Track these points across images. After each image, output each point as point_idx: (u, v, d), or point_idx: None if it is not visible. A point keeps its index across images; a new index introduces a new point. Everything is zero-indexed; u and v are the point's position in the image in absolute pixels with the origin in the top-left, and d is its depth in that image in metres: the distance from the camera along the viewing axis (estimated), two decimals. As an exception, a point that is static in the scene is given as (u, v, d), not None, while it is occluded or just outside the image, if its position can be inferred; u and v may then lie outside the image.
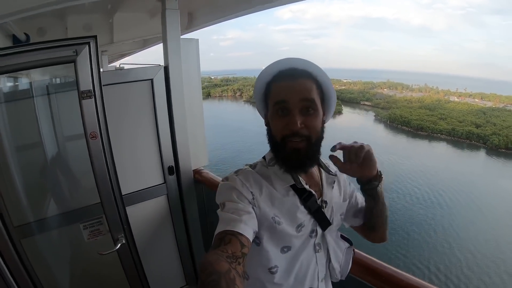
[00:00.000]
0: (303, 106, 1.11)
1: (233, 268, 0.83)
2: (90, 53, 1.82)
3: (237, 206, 1.07)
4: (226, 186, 1.16)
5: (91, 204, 2.21)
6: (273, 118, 1.16)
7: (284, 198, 1.18)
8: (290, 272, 1.20)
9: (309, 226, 1.21)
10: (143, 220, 2.71)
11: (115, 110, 2.20)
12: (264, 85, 1.23)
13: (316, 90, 1.15)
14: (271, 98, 1.17)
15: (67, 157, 2.39)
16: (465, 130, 59.82)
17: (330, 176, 1.33)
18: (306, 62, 1.17)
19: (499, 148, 53.69)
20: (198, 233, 3.11)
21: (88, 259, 2.38)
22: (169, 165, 2.75)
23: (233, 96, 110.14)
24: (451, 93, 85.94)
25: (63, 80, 2.30)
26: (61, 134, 2.31)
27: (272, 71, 1.19)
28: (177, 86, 2.63)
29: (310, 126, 1.11)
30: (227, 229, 0.98)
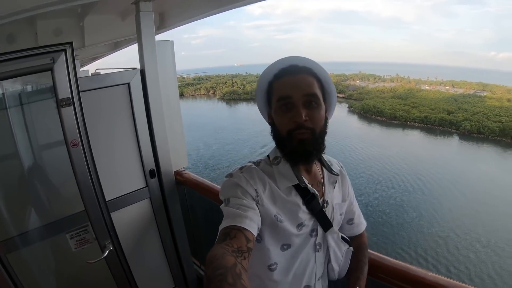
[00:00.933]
0: (306, 101, 1.14)
1: (239, 263, 0.84)
2: (67, 60, 1.79)
3: (242, 202, 1.09)
4: (230, 183, 1.17)
5: (76, 212, 2.18)
6: (278, 113, 1.18)
7: (287, 198, 1.20)
8: (289, 269, 1.23)
9: (309, 226, 1.23)
10: (128, 225, 2.69)
11: (93, 117, 2.17)
12: (266, 84, 1.25)
13: (317, 86, 1.18)
14: (275, 95, 1.19)
15: (46, 167, 2.35)
16: (437, 117, 61.36)
17: (332, 176, 1.34)
18: (306, 59, 1.21)
19: (472, 133, 55.36)
20: (183, 234, 3.10)
21: (77, 269, 2.34)
22: (150, 168, 2.73)
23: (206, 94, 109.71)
24: (423, 81, 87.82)
25: (36, 89, 2.25)
26: (38, 144, 2.27)
27: (273, 70, 1.22)
28: (154, 89, 2.61)
29: (314, 119, 1.14)
30: (233, 224, 1.00)
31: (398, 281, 1.43)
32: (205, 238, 3.23)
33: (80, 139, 1.90)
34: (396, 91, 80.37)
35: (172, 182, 2.92)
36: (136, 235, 2.78)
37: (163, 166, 2.79)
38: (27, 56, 1.70)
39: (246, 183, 1.15)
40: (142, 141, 2.63)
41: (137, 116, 2.56)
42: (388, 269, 1.48)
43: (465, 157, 48.88)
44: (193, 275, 3.25)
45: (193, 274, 3.24)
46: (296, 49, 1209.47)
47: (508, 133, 53.16)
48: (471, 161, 46.53)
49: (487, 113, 58.92)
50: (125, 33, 3.78)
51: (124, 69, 2.53)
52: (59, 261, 2.37)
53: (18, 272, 2.06)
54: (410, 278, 1.40)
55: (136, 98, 2.54)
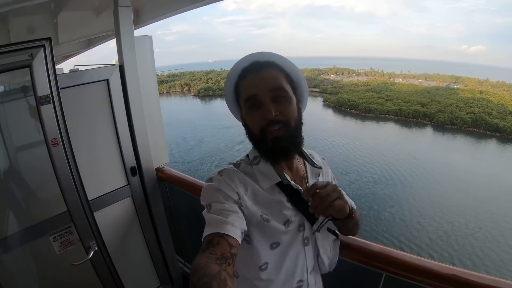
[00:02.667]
0: (274, 95, 1.12)
1: (223, 270, 0.84)
2: (46, 56, 1.74)
3: (223, 206, 1.07)
4: (210, 188, 1.15)
5: (58, 214, 2.11)
6: (247, 114, 1.17)
7: (270, 196, 1.19)
8: (280, 267, 1.22)
9: (296, 221, 1.23)
10: (112, 224, 2.64)
11: (72, 114, 2.10)
12: (233, 87, 1.24)
13: (283, 78, 1.16)
14: (242, 96, 1.18)
15: (24, 168, 2.25)
16: (411, 109, 62.91)
17: (315, 169, 1.34)
18: (268, 53, 1.19)
19: (445, 125, 57.10)
20: (166, 231, 3.07)
21: (62, 272, 2.28)
22: (131, 165, 2.69)
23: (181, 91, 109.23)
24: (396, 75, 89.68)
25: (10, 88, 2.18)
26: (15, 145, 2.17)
27: (237, 71, 1.21)
28: (134, 85, 2.56)
29: (285, 112, 1.12)
30: (215, 232, 0.98)
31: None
32: (189, 235, 3.23)
33: (61, 138, 1.85)
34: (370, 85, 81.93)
35: (154, 179, 2.88)
36: (120, 235, 2.74)
37: (144, 163, 2.75)
38: (5, 52, 1.64)
39: (226, 186, 1.13)
40: (122, 138, 2.58)
41: (116, 112, 2.51)
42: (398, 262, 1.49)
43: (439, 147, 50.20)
44: (178, 273, 3.23)
45: (178, 272, 3.23)
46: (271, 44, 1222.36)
47: (480, 124, 54.98)
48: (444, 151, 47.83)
49: (460, 105, 60.92)
50: (99, 29, 3.72)
51: (103, 65, 2.47)
52: (43, 265, 2.28)
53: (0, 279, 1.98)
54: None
55: (116, 94, 2.49)
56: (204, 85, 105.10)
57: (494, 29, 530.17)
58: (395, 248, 1.58)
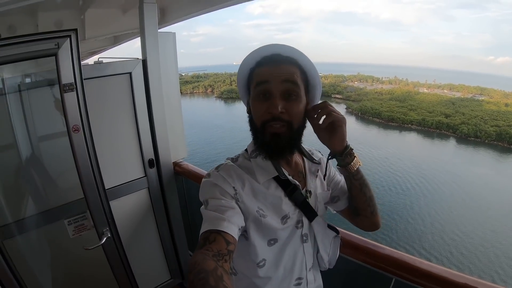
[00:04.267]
0: (285, 90, 1.09)
1: (220, 266, 0.84)
2: (71, 46, 1.79)
3: (220, 202, 1.06)
4: (207, 183, 1.14)
5: (75, 200, 2.20)
6: (254, 101, 1.14)
7: (267, 191, 1.18)
8: (278, 264, 1.22)
9: (294, 218, 1.21)
10: (126, 214, 2.70)
11: (94, 104, 2.17)
12: (247, 71, 1.20)
13: (300, 77, 1.12)
14: (254, 81, 1.15)
15: (46, 155, 2.34)
16: (435, 120, 61.58)
17: (314, 165, 1.33)
18: (291, 48, 1.14)
19: (468, 137, 55.66)
20: (180, 226, 3.11)
21: (74, 256, 2.35)
22: (149, 158, 2.75)
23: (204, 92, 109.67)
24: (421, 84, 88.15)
25: (36, 76, 2.25)
26: (38, 131, 2.28)
27: (255, 57, 1.17)
28: (156, 79, 2.63)
29: (292, 112, 1.09)
30: (211, 229, 0.98)
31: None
32: (202, 231, 3.21)
33: (82, 125, 1.91)
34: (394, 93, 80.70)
35: (171, 173, 2.93)
36: (134, 225, 2.80)
37: (162, 156, 2.81)
38: (33, 40, 1.71)
39: (223, 181, 1.12)
40: (142, 131, 2.65)
41: (137, 105, 2.58)
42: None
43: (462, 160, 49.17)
44: (189, 267, 3.23)
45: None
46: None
47: (504, 138, 53.51)
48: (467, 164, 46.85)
49: (485, 117, 59.33)
50: (125, 27, 3.78)
51: (126, 59, 2.54)
52: (56, 248, 2.37)
53: (14, 259, 2.05)
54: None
55: (138, 87, 2.56)
56: (228, 87, 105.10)
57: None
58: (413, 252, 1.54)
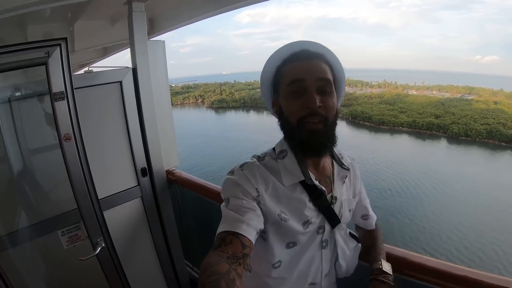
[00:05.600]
0: (320, 86, 1.08)
1: (233, 269, 0.83)
2: (62, 55, 1.80)
3: (241, 203, 1.05)
4: (230, 182, 1.12)
5: (68, 210, 2.16)
6: (287, 99, 1.12)
7: (291, 195, 1.14)
8: (293, 267, 1.19)
9: (316, 223, 1.18)
10: (120, 224, 2.68)
11: (86, 113, 2.15)
12: (273, 68, 1.19)
13: (330, 72, 1.13)
14: (285, 79, 1.13)
15: (38, 165, 2.32)
16: (425, 121, 62.14)
17: (343, 170, 1.28)
18: (318, 44, 1.17)
19: (459, 136, 56.14)
20: (175, 234, 3.08)
21: (69, 268, 2.32)
22: (142, 166, 2.73)
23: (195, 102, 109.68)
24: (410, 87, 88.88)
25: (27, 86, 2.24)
26: (30, 142, 2.25)
27: (283, 54, 1.16)
28: (146, 88, 2.62)
29: (327, 106, 1.08)
30: (229, 230, 0.96)
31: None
32: (198, 239, 3.22)
33: (73, 134, 1.90)
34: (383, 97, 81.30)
35: (164, 181, 2.91)
36: (128, 235, 2.77)
37: (154, 164, 2.79)
38: (23, 49, 1.70)
39: (246, 181, 1.10)
40: (134, 139, 2.63)
41: (128, 114, 2.57)
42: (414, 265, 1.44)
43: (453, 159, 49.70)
44: (186, 277, 3.23)
45: (185, 276, 3.23)
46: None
47: (495, 135, 54.00)
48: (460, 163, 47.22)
49: (474, 116, 59.93)
50: (114, 38, 3.79)
51: (116, 67, 2.54)
52: (50, 259, 2.33)
53: (8, 272, 2.01)
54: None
55: (128, 96, 2.55)
56: (218, 97, 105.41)
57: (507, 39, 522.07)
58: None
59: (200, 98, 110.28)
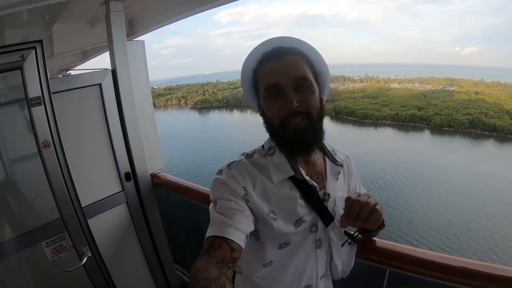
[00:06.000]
0: (296, 85, 1.05)
1: (223, 274, 0.83)
2: (37, 58, 1.72)
3: (229, 204, 1.03)
4: (218, 182, 1.10)
5: (51, 220, 2.07)
6: (267, 102, 1.11)
7: (282, 192, 1.12)
8: (285, 267, 1.17)
9: (308, 221, 1.15)
10: (106, 231, 2.61)
11: (65, 119, 2.08)
12: (250, 72, 1.17)
13: (307, 67, 1.10)
14: (261, 83, 1.11)
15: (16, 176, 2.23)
16: (408, 113, 63.13)
17: (335, 166, 1.25)
18: (292, 39, 1.14)
19: (442, 127, 57.18)
20: (163, 239, 3.03)
21: (56, 279, 2.21)
22: (126, 171, 2.66)
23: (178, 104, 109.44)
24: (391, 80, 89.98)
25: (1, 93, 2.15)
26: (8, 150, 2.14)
27: (256, 56, 1.14)
28: (126, 89, 2.56)
29: (308, 103, 1.06)
30: (217, 235, 0.95)
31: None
32: (187, 242, 3.17)
33: (52, 140, 1.82)
34: (366, 91, 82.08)
35: (149, 185, 2.85)
36: (115, 242, 2.70)
37: (138, 168, 2.73)
38: (-4, 53, 1.62)
39: (233, 181, 1.08)
40: (116, 143, 2.56)
41: (109, 117, 2.50)
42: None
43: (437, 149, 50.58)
44: (177, 281, 3.18)
45: (176, 280, 3.18)
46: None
47: (477, 125, 55.11)
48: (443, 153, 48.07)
49: (456, 107, 60.99)
50: (94, 40, 3.72)
51: (95, 70, 2.47)
52: (36, 272, 2.24)
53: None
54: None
55: (108, 99, 2.48)
56: (201, 97, 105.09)
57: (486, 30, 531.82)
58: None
59: (183, 99, 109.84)
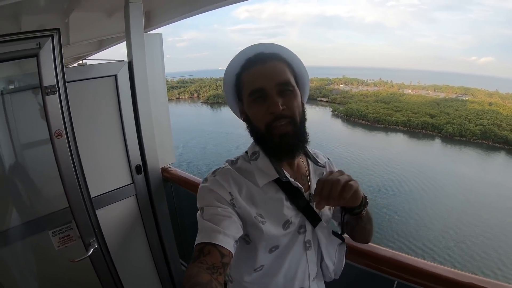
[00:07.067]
0: (280, 89, 1.06)
1: (214, 279, 0.84)
2: (54, 46, 1.70)
3: (216, 210, 1.03)
4: (204, 189, 1.11)
5: (59, 209, 2.09)
6: (251, 107, 1.11)
7: (268, 195, 1.13)
8: (276, 271, 1.16)
9: (296, 223, 1.16)
10: (114, 223, 2.60)
11: (78, 108, 2.08)
12: (233, 77, 1.18)
13: (289, 71, 1.11)
14: (245, 88, 1.12)
15: (28, 162, 2.25)
16: (420, 120, 62.54)
17: (319, 168, 1.27)
18: (273, 45, 1.16)
19: (454, 136, 56.48)
20: (170, 234, 3.02)
21: (60, 269, 2.23)
22: (137, 164, 2.65)
23: (190, 97, 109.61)
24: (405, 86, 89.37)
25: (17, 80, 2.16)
26: (21, 138, 2.17)
27: (239, 62, 1.15)
28: (142, 82, 2.55)
29: (292, 106, 1.07)
30: (206, 241, 0.95)
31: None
32: (193, 238, 3.09)
33: (65, 130, 1.81)
34: (379, 95, 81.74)
35: (159, 179, 2.84)
36: (122, 234, 2.70)
37: (149, 162, 2.72)
38: (13, 40, 1.62)
39: (219, 187, 1.08)
40: (128, 135, 2.56)
41: (123, 109, 2.49)
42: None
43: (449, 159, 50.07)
44: (181, 277, 3.16)
45: (181, 276, 3.16)
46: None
47: (489, 136, 54.45)
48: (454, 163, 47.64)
49: (469, 117, 60.35)
50: (110, 31, 3.71)
51: (111, 61, 2.46)
52: (42, 260, 2.26)
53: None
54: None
55: (123, 91, 2.47)
56: (213, 92, 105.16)
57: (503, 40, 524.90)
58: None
59: (195, 93, 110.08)
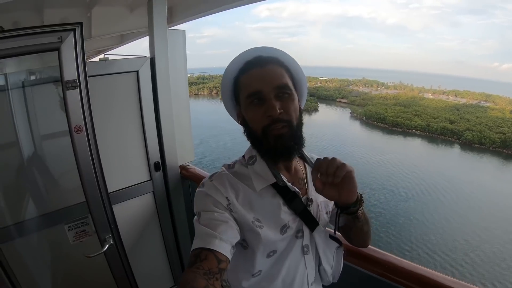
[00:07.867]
0: (278, 93, 1.07)
1: (211, 284, 0.84)
2: (75, 41, 1.69)
3: (213, 215, 1.03)
4: (201, 194, 1.11)
5: (76, 203, 2.09)
6: (248, 110, 1.11)
7: (264, 200, 1.13)
8: (274, 276, 1.16)
9: (294, 227, 1.16)
10: (130, 219, 2.61)
11: (99, 103, 2.08)
12: (231, 81, 1.19)
13: (287, 75, 1.12)
14: (243, 91, 1.12)
15: (47, 155, 2.25)
16: (439, 126, 61.53)
17: None
18: (271, 48, 1.17)
19: (473, 144, 55.47)
20: (185, 232, 3.02)
21: (74, 263, 2.25)
22: (155, 161, 2.66)
23: (209, 94, 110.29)
24: (426, 90, 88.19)
25: (40, 72, 2.17)
26: (40, 130, 2.17)
27: (238, 65, 1.16)
28: (164, 79, 2.55)
29: (289, 110, 1.07)
30: (202, 246, 0.94)
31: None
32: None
33: (85, 125, 1.80)
34: (399, 99, 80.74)
35: (177, 177, 2.84)
36: (138, 231, 2.70)
37: (168, 159, 2.72)
38: (35, 33, 1.60)
39: (216, 192, 1.08)
40: (148, 132, 2.56)
41: (144, 105, 2.49)
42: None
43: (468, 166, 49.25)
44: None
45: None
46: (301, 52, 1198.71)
47: (509, 145, 53.28)
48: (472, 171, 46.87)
49: (489, 124, 59.08)
50: (132, 25, 3.71)
51: (133, 56, 2.46)
52: (56, 254, 2.28)
53: (12, 264, 1.96)
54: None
55: (145, 87, 2.47)
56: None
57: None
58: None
59: (214, 90, 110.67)
